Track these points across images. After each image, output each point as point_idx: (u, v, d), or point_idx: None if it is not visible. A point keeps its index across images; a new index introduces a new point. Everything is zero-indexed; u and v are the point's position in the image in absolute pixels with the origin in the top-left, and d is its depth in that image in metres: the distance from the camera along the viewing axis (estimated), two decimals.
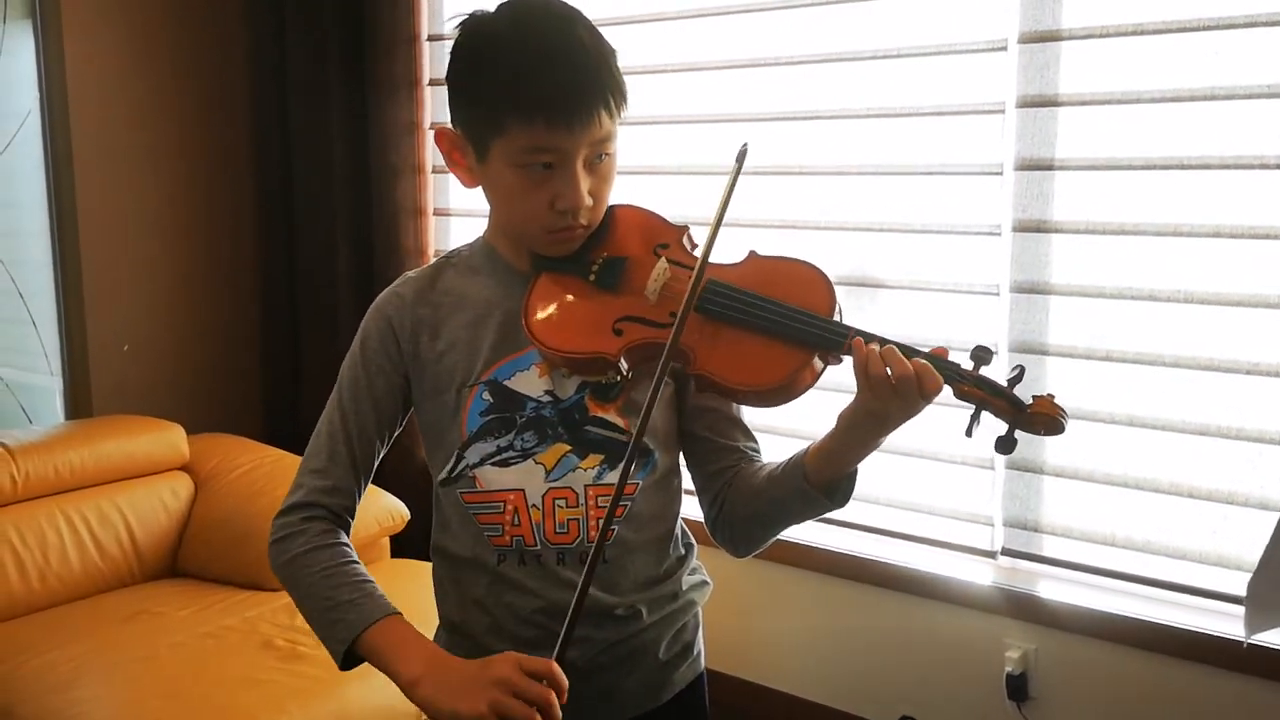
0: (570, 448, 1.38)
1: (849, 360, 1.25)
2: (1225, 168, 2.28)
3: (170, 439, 3.20)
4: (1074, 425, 1.31)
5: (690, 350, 1.29)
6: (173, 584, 3.02)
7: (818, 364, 1.29)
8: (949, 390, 1.23)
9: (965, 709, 2.70)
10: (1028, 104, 2.48)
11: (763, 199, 2.85)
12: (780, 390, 1.28)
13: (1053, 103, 2.45)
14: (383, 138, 3.42)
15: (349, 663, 1.34)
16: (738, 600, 2.95)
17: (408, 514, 3.14)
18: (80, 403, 3.47)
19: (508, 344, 1.39)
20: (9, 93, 3.43)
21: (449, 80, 1.36)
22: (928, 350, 1.24)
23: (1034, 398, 1.24)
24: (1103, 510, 2.50)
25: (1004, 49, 2.50)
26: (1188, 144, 2.31)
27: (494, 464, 1.39)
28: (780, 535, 1.42)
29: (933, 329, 2.64)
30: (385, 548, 3.22)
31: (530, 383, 1.39)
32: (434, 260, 1.52)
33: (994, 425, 1.26)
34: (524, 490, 1.38)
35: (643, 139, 3.02)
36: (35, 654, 2.58)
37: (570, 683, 1.22)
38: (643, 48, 2.99)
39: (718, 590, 1.56)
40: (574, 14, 1.33)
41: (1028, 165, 2.50)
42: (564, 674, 1.21)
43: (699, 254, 1.31)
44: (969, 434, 1.24)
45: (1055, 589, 2.58)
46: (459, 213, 3.49)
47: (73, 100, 3.33)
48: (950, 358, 1.25)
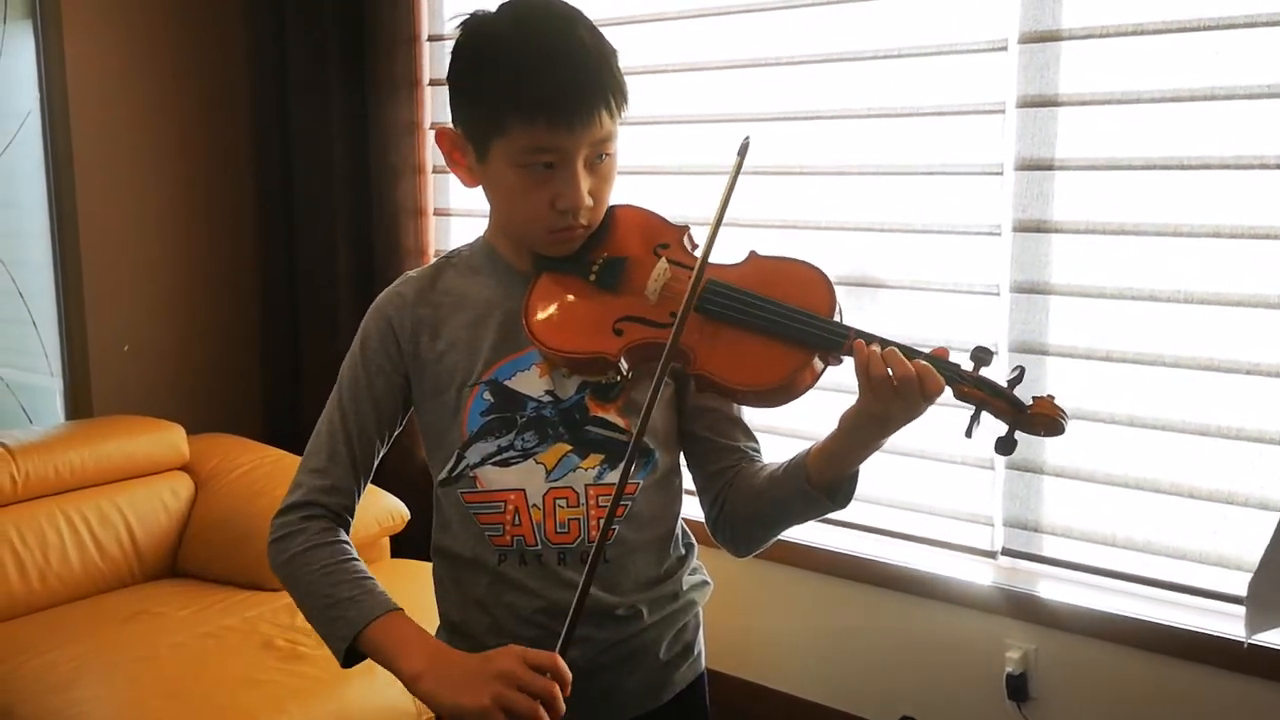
0: (571, 447, 1.38)
1: (849, 361, 1.25)
2: (1225, 168, 2.28)
3: (170, 439, 3.20)
4: (1074, 425, 1.32)
5: (690, 350, 1.29)
6: (173, 584, 3.02)
7: (818, 364, 1.29)
8: (949, 391, 1.23)
9: (965, 709, 2.70)
10: (1028, 104, 2.48)
11: (763, 199, 2.85)
12: (780, 390, 1.28)
13: (1053, 103, 2.45)
14: (383, 138, 3.42)
15: (351, 660, 1.33)
16: (738, 600, 2.94)
17: (408, 514, 3.14)
18: (80, 403, 3.47)
19: (508, 344, 1.39)
20: (9, 93, 3.43)
21: (450, 80, 1.36)
22: (928, 351, 1.24)
23: (1034, 398, 1.24)
24: (1103, 510, 2.50)
25: (1004, 49, 2.50)
26: (1188, 144, 2.31)
27: (494, 464, 1.39)
28: (780, 535, 1.42)
29: (933, 329, 2.63)
30: (385, 548, 3.22)
31: (531, 383, 1.39)
32: (434, 260, 1.52)
33: (994, 426, 1.26)
34: (524, 490, 1.38)
35: (643, 139, 3.02)
36: (35, 654, 2.58)
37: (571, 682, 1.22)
38: (643, 48, 2.99)
39: (718, 590, 1.56)
40: (575, 14, 1.33)
41: (1028, 165, 2.50)
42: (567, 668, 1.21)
43: (699, 254, 1.31)
44: (969, 435, 1.25)
45: (1055, 589, 2.58)
46: (459, 213, 3.49)
47: (73, 100, 3.34)
48: (950, 358, 1.25)
